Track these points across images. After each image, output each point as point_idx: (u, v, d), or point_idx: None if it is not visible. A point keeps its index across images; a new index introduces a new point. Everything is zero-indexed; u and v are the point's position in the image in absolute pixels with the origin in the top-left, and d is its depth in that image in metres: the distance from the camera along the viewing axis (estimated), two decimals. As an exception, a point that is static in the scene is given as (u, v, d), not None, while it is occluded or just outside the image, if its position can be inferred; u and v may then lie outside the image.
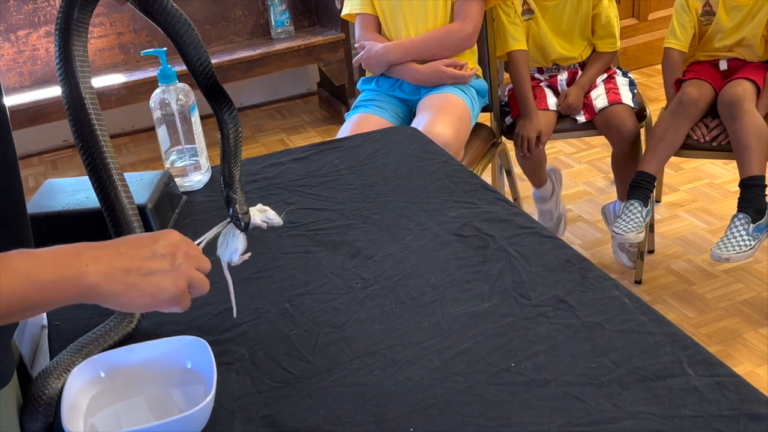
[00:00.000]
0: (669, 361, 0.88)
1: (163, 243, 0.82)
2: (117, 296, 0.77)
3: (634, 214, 2.23)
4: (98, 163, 1.03)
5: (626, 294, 1.00)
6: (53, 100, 3.19)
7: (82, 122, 1.01)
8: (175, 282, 0.81)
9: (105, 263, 0.76)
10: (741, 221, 2.12)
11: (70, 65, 1.00)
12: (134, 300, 0.78)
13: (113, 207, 1.04)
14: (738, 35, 2.30)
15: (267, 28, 3.64)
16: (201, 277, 0.84)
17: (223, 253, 0.99)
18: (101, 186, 1.04)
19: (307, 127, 3.79)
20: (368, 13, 2.32)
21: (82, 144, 1.03)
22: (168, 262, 0.81)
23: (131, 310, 0.83)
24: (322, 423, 0.85)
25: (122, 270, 0.77)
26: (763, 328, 2.17)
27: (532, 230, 1.17)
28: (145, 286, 0.78)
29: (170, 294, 0.80)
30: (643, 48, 3.91)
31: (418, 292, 1.06)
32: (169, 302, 0.81)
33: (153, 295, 0.79)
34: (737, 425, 0.79)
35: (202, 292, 0.85)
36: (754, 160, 2.12)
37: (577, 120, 2.42)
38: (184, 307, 0.83)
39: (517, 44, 2.38)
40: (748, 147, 2.12)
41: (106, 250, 0.78)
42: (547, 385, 0.87)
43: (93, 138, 1.02)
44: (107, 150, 1.04)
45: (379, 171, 1.41)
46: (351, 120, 2.23)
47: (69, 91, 1.01)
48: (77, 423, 0.83)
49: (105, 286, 0.76)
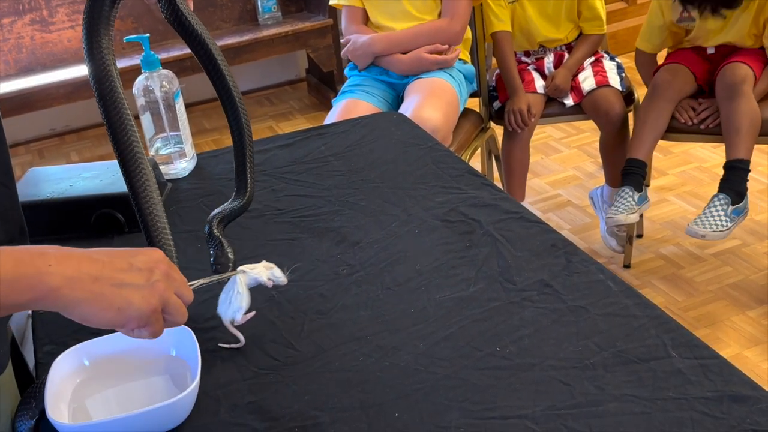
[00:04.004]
0: (653, 344, 0.88)
1: (143, 258, 0.74)
2: (79, 305, 0.69)
3: (625, 198, 2.24)
4: (125, 145, 0.98)
5: (611, 278, 1.00)
6: (39, 89, 3.17)
7: (109, 102, 0.96)
8: (147, 299, 0.72)
9: (71, 266, 0.69)
10: (721, 201, 2.13)
11: (99, 44, 0.94)
12: (97, 312, 0.70)
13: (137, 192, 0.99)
14: (723, 37, 2.29)
15: (254, 14, 3.61)
16: (178, 303, 0.76)
17: (225, 312, 0.94)
18: (126, 168, 0.99)
19: (296, 113, 3.78)
20: (354, 5, 2.31)
21: (109, 125, 0.98)
22: (143, 277, 0.73)
23: (93, 324, 0.72)
24: (308, 409, 0.85)
25: (90, 276, 0.70)
26: (750, 311, 2.19)
27: (518, 215, 1.17)
28: (113, 298, 0.70)
29: (139, 311, 0.72)
30: (633, 32, 3.90)
31: (404, 277, 1.05)
32: (137, 320, 0.72)
33: (120, 309, 0.71)
34: (720, 407, 0.79)
35: (177, 320, 0.76)
36: (743, 143, 2.13)
37: (565, 104, 2.42)
38: (153, 333, 0.74)
39: (501, 25, 2.38)
40: (739, 130, 2.13)
41: (75, 253, 0.71)
42: (532, 369, 0.87)
43: (121, 118, 0.97)
44: (133, 133, 1.00)
45: (365, 157, 1.41)
46: (338, 106, 2.22)
47: (96, 71, 0.96)
48: (61, 411, 0.83)
49: (67, 290, 0.68)
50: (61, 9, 3.40)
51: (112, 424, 0.79)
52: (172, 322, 0.77)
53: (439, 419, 0.81)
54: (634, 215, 2.23)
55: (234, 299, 0.94)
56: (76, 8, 3.40)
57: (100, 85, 0.91)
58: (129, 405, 0.86)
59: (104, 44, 0.91)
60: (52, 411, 0.81)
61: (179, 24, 1.00)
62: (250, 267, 0.96)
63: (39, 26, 3.38)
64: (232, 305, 0.94)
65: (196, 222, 1.22)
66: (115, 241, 1.21)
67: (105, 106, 0.91)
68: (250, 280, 0.96)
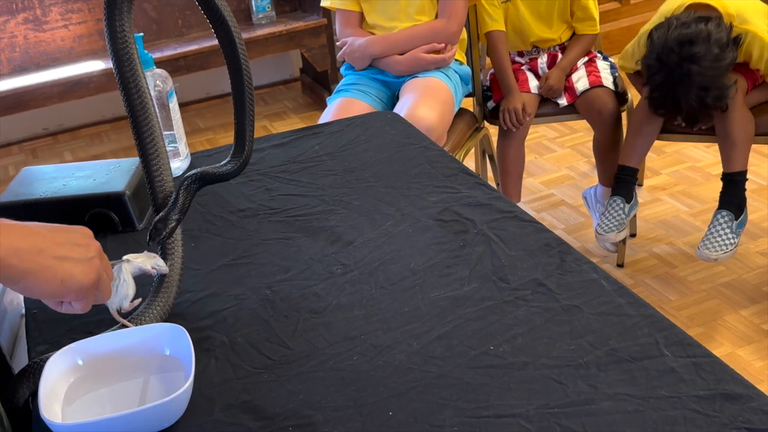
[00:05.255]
0: (646, 343, 0.88)
1: (77, 234, 0.78)
2: (27, 275, 0.72)
3: (616, 211, 2.26)
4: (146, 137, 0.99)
5: (604, 277, 1.00)
6: (32, 88, 3.16)
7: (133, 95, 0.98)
8: (87, 273, 0.77)
9: (16, 238, 0.72)
10: (725, 218, 2.14)
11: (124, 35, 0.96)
12: (44, 282, 0.74)
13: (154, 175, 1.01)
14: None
15: (248, 14, 3.61)
16: (107, 281, 0.81)
17: (112, 301, 0.93)
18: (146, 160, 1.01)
19: (290, 113, 3.78)
20: (349, 9, 2.31)
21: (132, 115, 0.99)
22: (82, 252, 0.77)
23: (35, 295, 0.76)
24: (302, 408, 0.85)
25: (35, 248, 0.73)
26: (743, 310, 2.20)
27: (511, 215, 1.17)
28: (57, 269, 0.74)
29: (80, 284, 0.76)
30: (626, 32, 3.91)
31: (398, 277, 1.06)
32: (77, 293, 0.77)
33: (63, 280, 0.75)
34: (713, 405, 0.79)
35: (103, 297, 0.81)
36: (739, 155, 2.14)
37: (558, 104, 2.42)
38: (84, 307, 0.79)
39: (495, 25, 2.39)
40: (735, 142, 2.13)
41: (17, 225, 0.74)
42: (526, 368, 0.87)
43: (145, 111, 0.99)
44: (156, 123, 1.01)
45: (359, 156, 1.41)
46: (333, 104, 2.22)
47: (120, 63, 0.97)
48: (55, 411, 0.83)
49: (15, 261, 0.71)
50: (55, 8, 3.39)
51: (106, 424, 0.79)
52: (99, 299, 0.81)
53: (433, 418, 0.82)
54: (623, 232, 2.26)
55: (120, 287, 0.93)
56: (69, 7, 3.40)
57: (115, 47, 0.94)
58: (123, 404, 0.86)
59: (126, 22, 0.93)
60: (46, 410, 0.80)
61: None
62: (134, 256, 0.97)
63: (32, 25, 3.37)
64: (119, 293, 0.93)
65: (190, 222, 1.22)
66: (109, 240, 1.21)
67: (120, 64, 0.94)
68: (134, 269, 0.96)
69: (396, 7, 2.26)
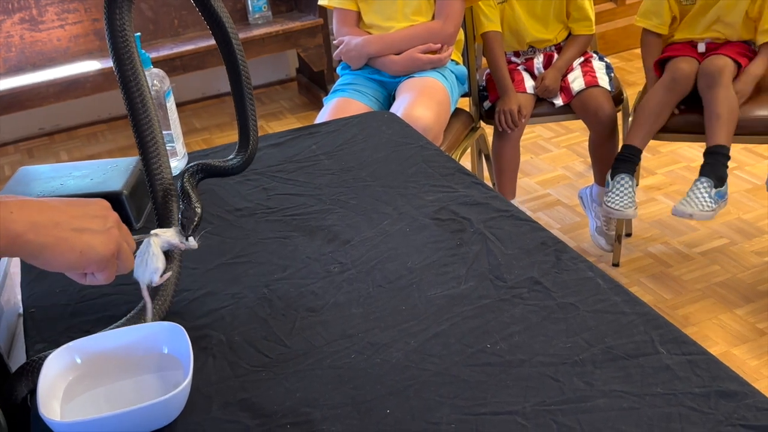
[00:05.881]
0: (641, 341, 0.89)
1: (95, 206, 0.79)
2: (45, 249, 0.73)
3: (625, 188, 2.24)
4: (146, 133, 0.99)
5: (600, 275, 1.01)
6: (28, 88, 3.16)
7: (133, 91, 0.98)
8: (106, 243, 0.77)
9: (32, 212, 0.73)
10: (704, 184, 2.16)
11: (125, 35, 0.96)
12: (61, 255, 0.74)
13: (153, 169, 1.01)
14: (715, 28, 2.31)
15: (244, 14, 3.61)
16: (129, 251, 0.81)
17: (142, 274, 0.93)
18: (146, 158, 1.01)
19: (287, 113, 3.78)
20: (347, 8, 2.31)
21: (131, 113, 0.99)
22: (100, 224, 0.77)
23: (55, 268, 0.76)
24: (299, 406, 0.85)
25: (51, 222, 0.74)
26: (738, 309, 2.21)
27: (508, 213, 1.18)
28: (75, 241, 0.74)
29: (99, 255, 0.76)
30: (621, 32, 3.93)
31: (395, 275, 1.06)
32: (97, 264, 0.77)
33: (82, 252, 0.75)
34: (708, 402, 0.80)
35: (126, 267, 0.81)
36: (722, 129, 2.16)
37: (554, 104, 2.43)
38: (108, 278, 0.79)
39: (491, 25, 2.39)
40: (719, 117, 2.16)
41: (33, 201, 0.75)
42: (522, 365, 0.87)
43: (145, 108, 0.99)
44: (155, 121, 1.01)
45: (356, 156, 1.41)
46: (330, 104, 2.23)
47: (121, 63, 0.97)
48: (53, 409, 0.83)
49: (32, 236, 0.72)
50: (51, 8, 3.39)
51: (104, 422, 0.80)
52: (122, 269, 0.82)
53: (430, 415, 0.82)
54: (632, 210, 2.23)
55: (150, 261, 0.93)
56: (65, 7, 3.40)
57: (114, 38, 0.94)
58: (121, 402, 0.87)
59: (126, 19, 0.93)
60: (45, 408, 0.81)
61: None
62: (162, 231, 0.97)
63: (28, 25, 3.37)
64: (149, 267, 0.93)
65: (188, 220, 1.22)
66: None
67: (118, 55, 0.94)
68: (163, 242, 0.95)
69: (393, 7, 2.27)
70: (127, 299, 1.02)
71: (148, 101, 0.97)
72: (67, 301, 1.06)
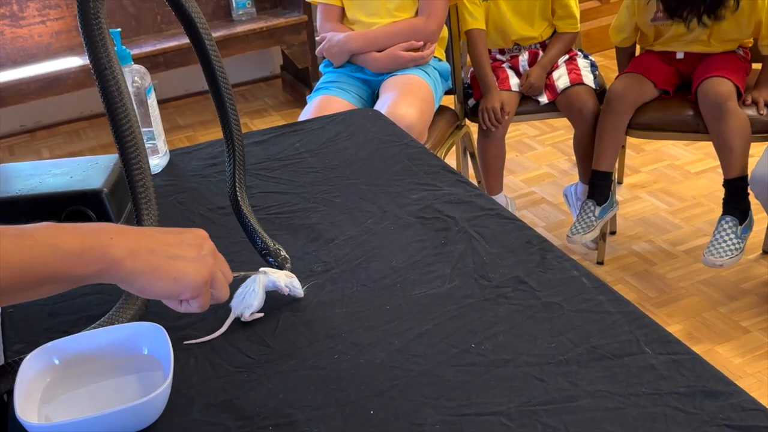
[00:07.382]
0: (626, 340, 0.88)
1: (191, 235, 0.80)
2: (140, 275, 0.74)
3: (587, 214, 2.34)
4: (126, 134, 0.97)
5: (585, 274, 1.01)
6: (9, 84, 3.12)
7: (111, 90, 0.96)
8: (199, 271, 0.78)
9: (130, 239, 0.74)
10: (729, 224, 2.16)
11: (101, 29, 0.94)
12: (156, 282, 0.75)
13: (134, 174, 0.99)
14: (699, 46, 2.31)
15: (228, 10, 3.59)
16: (223, 279, 0.82)
17: (237, 305, 0.97)
18: (125, 156, 0.99)
19: (271, 110, 3.76)
20: (331, 3, 2.30)
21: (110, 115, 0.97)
22: (194, 251, 0.78)
23: (150, 295, 0.78)
24: (282, 407, 0.84)
25: (147, 249, 0.75)
26: (722, 307, 2.21)
27: (493, 212, 1.17)
28: (169, 269, 0.76)
29: (193, 282, 0.77)
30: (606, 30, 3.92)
31: (380, 274, 1.05)
32: (191, 290, 0.78)
33: (176, 279, 0.76)
34: (693, 402, 0.80)
35: (221, 295, 0.82)
36: (738, 161, 2.15)
37: (539, 102, 2.43)
38: (202, 305, 0.80)
39: (475, 23, 2.39)
40: (732, 149, 2.14)
41: (131, 229, 0.76)
42: (507, 365, 0.87)
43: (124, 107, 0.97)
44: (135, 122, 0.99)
45: (340, 154, 1.40)
46: (313, 102, 2.21)
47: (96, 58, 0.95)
48: (31, 412, 0.82)
49: (129, 262, 0.73)
50: (32, 4, 3.35)
51: (83, 424, 0.78)
52: (216, 298, 0.82)
53: (414, 416, 0.81)
54: (591, 233, 2.32)
55: (248, 296, 0.97)
56: (47, 3, 3.36)
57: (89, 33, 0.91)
58: (101, 404, 0.85)
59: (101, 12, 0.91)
60: (22, 411, 0.79)
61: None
62: (272, 271, 1.00)
63: (9, 21, 3.33)
64: (245, 301, 0.97)
65: (169, 219, 1.21)
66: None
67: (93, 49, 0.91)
68: (269, 282, 0.99)
69: (376, 3, 2.26)
70: (106, 299, 1.01)
71: (124, 89, 0.94)
72: (46, 302, 1.04)
